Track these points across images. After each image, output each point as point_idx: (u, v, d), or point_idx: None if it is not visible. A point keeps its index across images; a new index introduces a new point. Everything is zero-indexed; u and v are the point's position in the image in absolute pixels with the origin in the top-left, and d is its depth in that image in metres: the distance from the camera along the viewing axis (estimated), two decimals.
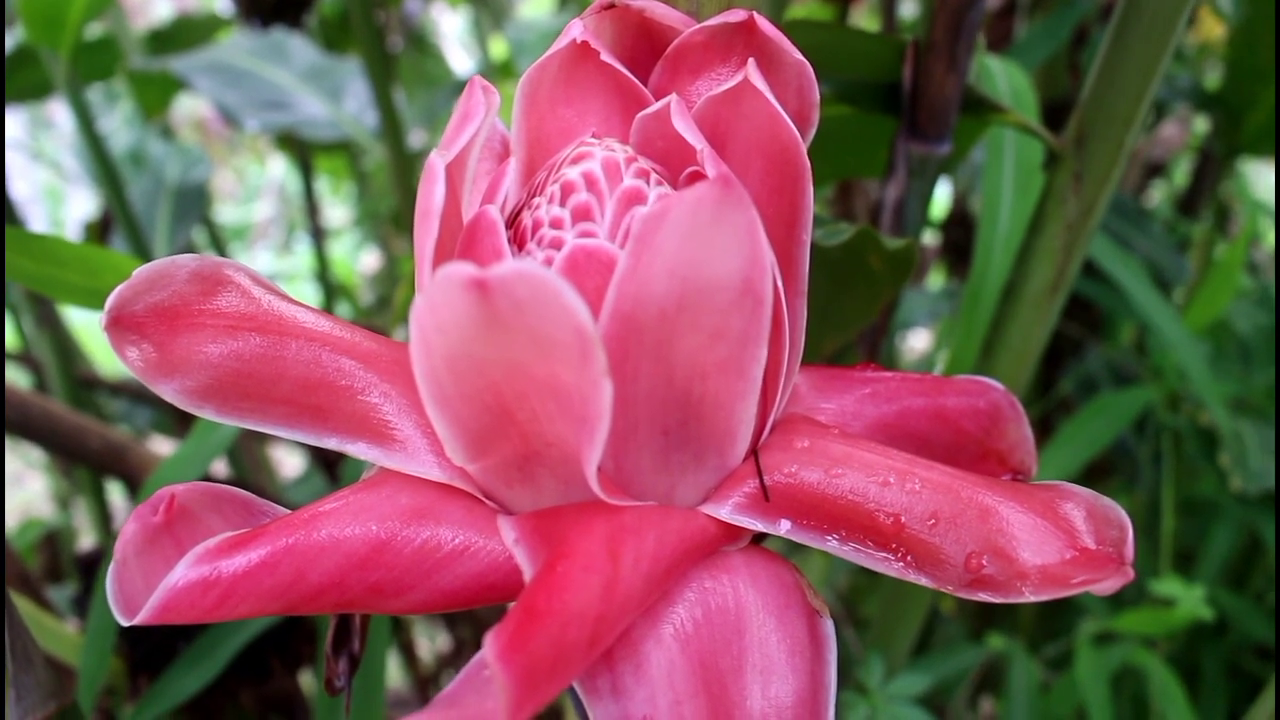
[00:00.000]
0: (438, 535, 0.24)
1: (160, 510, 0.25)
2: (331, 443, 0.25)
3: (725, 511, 0.24)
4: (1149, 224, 0.76)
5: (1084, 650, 0.63)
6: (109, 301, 0.25)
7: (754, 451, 0.25)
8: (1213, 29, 1.06)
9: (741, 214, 0.20)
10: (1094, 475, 0.87)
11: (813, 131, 0.27)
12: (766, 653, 0.23)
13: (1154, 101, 0.42)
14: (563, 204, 0.24)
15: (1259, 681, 0.76)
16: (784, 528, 0.24)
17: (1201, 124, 1.05)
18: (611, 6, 0.26)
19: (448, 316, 0.19)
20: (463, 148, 0.24)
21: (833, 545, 0.24)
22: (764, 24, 0.26)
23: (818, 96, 0.26)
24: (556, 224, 0.24)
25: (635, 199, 0.24)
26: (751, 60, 0.25)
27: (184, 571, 0.23)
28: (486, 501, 0.24)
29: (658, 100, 0.26)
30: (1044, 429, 0.83)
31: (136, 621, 0.23)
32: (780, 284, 0.24)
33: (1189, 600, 0.59)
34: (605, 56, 0.26)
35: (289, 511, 0.25)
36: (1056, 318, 0.47)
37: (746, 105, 0.25)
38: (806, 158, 0.25)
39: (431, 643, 1.20)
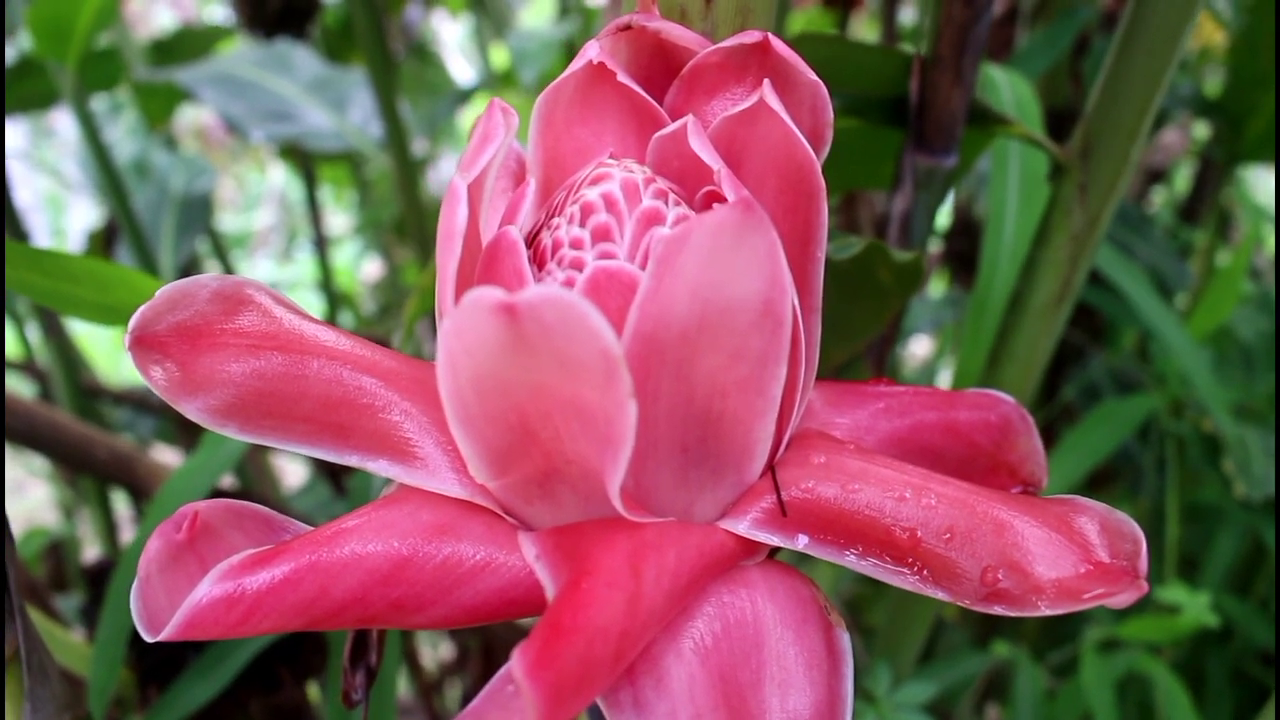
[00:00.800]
0: (459, 551, 0.24)
1: (184, 528, 0.25)
2: (353, 460, 0.25)
3: (744, 527, 0.24)
4: (1151, 230, 0.77)
5: (1089, 657, 0.63)
6: (132, 321, 0.26)
7: (771, 467, 0.25)
8: (1213, 34, 1.06)
9: (762, 237, 0.21)
10: (1098, 482, 0.87)
11: (826, 150, 0.27)
12: (785, 666, 0.23)
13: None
14: (582, 224, 0.24)
15: (1264, 688, 0.76)
16: (802, 543, 0.24)
17: (1202, 130, 1.06)
18: (628, 28, 0.27)
19: (475, 340, 0.19)
20: (482, 169, 0.24)
21: (850, 560, 0.24)
22: (778, 45, 0.26)
23: (831, 116, 0.27)
24: (576, 244, 0.24)
25: (654, 219, 0.24)
26: (767, 81, 0.25)
27: (208, 588, 0.23)
28: (507, 518, 0.25)
29: (674, 120, 0.26)
30: (1048, 436, 0.83)
31: (162, 638, 0.23)
32: (796, 302, 0.24)
33: (1194, 607, 0.60)
34: (621, 77, 0.26)
35: (310, 528, 0.25)
36: (1062, 328, 0.47)
37: (762, 125, 0.25)
38: (821, 177, 0.25)
39: (435, 651, 1.20)
